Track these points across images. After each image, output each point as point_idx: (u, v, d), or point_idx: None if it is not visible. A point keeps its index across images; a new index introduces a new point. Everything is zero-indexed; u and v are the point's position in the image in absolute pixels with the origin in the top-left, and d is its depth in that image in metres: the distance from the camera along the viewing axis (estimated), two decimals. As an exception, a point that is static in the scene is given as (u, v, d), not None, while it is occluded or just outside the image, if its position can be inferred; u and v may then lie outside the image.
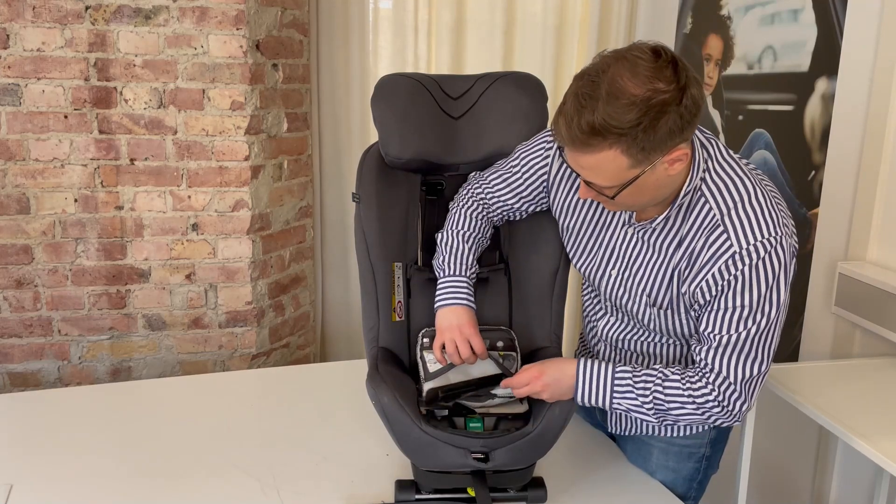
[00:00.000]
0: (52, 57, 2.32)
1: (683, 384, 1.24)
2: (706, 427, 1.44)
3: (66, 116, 2.36)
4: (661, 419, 1.27)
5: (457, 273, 1.40)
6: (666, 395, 1.24)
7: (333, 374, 2.02)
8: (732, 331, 1.19)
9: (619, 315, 1.41)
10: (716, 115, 2.46)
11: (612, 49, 1.12)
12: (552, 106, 1.53)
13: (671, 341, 1.37)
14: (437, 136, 1.51)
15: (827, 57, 1.95)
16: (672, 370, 1.26)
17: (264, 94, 2.52)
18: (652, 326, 1.36)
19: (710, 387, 1.22)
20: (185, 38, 2.38)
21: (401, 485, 1.37)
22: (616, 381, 1.27)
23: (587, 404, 1.29)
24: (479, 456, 1.25)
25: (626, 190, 1.14)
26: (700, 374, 1.24)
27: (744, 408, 1.23)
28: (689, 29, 2.61)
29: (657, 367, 1.28)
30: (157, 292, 2.53)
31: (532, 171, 1.41)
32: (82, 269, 2.47)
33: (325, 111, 2.90)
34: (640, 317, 1.36)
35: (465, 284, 1.39)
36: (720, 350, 1.21)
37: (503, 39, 2.90)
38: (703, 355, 1.23)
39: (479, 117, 1.53)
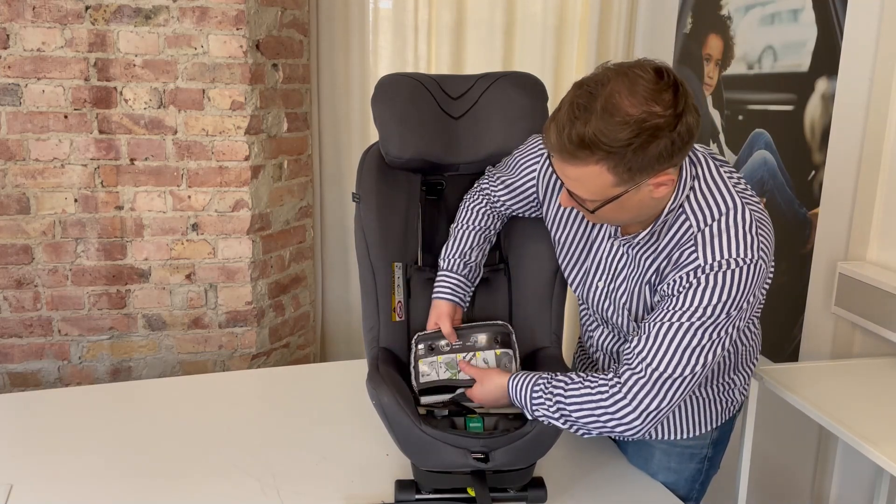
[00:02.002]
0: (52, 57, 2.32)
1: (584, 384, 1.20)
2: (709, 428, 1.44)
3: (66, 116, 2.36)
4: (574, 427, 1.23)
5: (446, 268, 1.47)
6: (568, 398, 1.21)
7: (333, 374, 2.02)
8: (666, 320, 1.15)
9: (610, 326, 1.41)
10: (716, 115, 2.46)
11: (615, 62, 1.10)
12: (552, 106, 1.53)
13: None
14: (438, 135, 1.51)
15: (827, 57, 1.95)
16: (581, 374, 1.23)
17: (264, 94, 2.52)
18: None
19: (613, 380, 1.18)
20: (185, 38, 2.38)
21: (401, 485, 1.37)
22: (534, 389, 1.25)
23: (523, 412, 1.28)
24: (479, 456, 1.26)
25: (607, 206, 1.14)
26: (609, 377, 1.20)
27: (649, 406, 1.16)
28: (689, 29, 2.61)
29: (573, 373, 1.25)
30: (157, 292, 2.53)
31: (524, 182, 1.42)
32: (82, 269, 2.47)
33: (325, 111, 2.90)
34: (624, 329, 1.36)
35: (449, 279, 1.46)
36: (645, 338, 1.17)
37: (503, 39, 2.90)
38: (633, 342, 1.19)
39: (480, 117, 1.53)
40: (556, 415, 1.23)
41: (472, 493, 1.31)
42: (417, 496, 1.35)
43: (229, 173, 2.49)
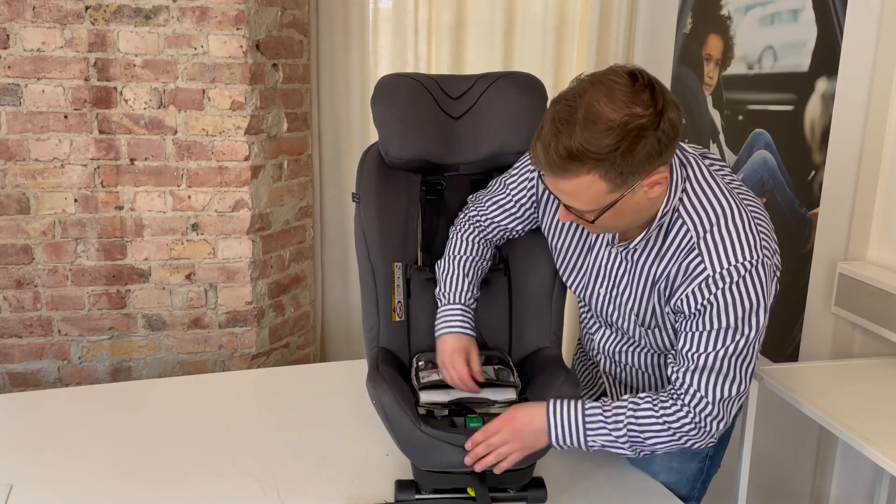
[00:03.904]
0: (52, 57, 2.32)
1: (657, 410, 1.21)
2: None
3: (66, 116, 2.36)
4: (638, 450, 1.24)
5: (452, 301, 1.41)
6: (640, 423, 1.21)
7: (333, 374, 2.02)
8: (710, 349, 1.17)
9: (613, 329, 1.41)
10: (716, 115, 2.46)
11: (588, 73, 1.11)
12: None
13: (666, 355, 1.37)
14: (437, 136, 1.51)
15: (827, 57, 1.95)
16: (642, 397, 1.23)
17: (264, 94, 2.52)
18: (643, 343, 1.36)
19: (685, 409, 1.20)
20: (185, 38, 2.38)
21: (401, 485, 1.37)
22: (587, 419, 1.23)
23: (563, 447, 1.25)
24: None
25: (606, 214, 1.14)
26: (673, 396, 1.22)
27: (721, 426, 1.21)
28: (689, 29, 2.61)
29: (626, 397, 1.25)
30: (157, 292, 2.53)
31: (521, 192, 1.41)
32: (82, 269, 2.47)
33: (325, 111, 2.90)
34: (630, 333, 1.36)
35: (458, 312, 1.40)
36: (698, 371, 1.19)
37: (503, 39, 2.90)
38: (679, 375, 1.21)
39: (479, 117, 1.53)
40: (621, 441, 1.22)
41: (472, 493, 1.31)
42: (417, 496, 1.35)
43: (229, 173, 2.49)
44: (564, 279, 1.44)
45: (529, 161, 1.40)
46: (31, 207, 2.41)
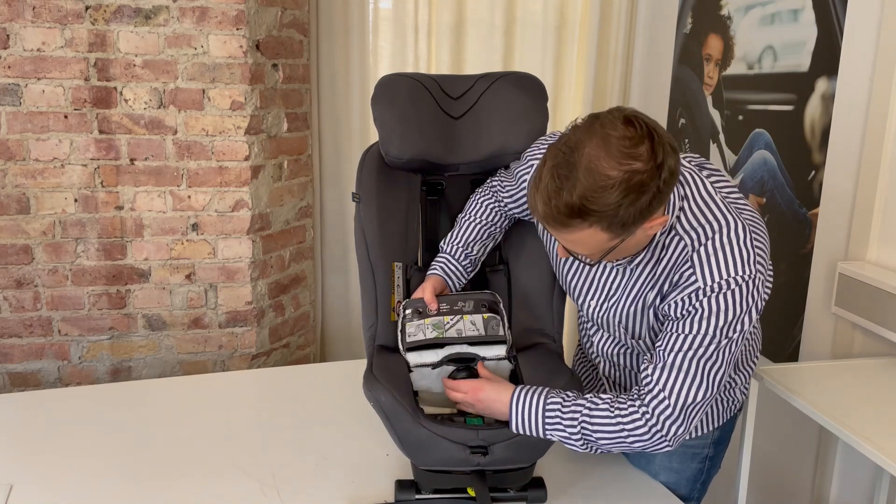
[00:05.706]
0: (52, 57, 2.32)
1: (612, 411, 1.21)
2: (711, 428, 1.44)
3: (66, 116, 2.36)
4: (593, 448, 1.24)
5: (447, 251, 1.50)
6: (593, 423, 1.21)
7: (333, 374, 2.02)
8: (684, 349, 1.17)
9: (611, 331, 1.41)
10: (716, 115, 2.46)
11: (583, 117, 1.10)
12: (552, 106, 1.54)
13: None
14: (438, 136, 1.51)
15: (827, 57, 1.95)
16: (602, 397, 1.23)
17: (264, 94, 2.52)
18: (638, 349, 1.37)
19: (642, 409, 1.20)
20: (185, 38, 2.38)
21: (401, 485, 1.37)
22: (547, 413, 1.24)
23: (524, 433, 1.26)
24: (479, 450, 1.25)
25: (607, 255, 1.16)
26: (632, 397, 1.21)
27: (679, 432, 1.19)
28: (689, 29, 2.61)
29: (590, 395, 1.25)
30: (157, 292, 2.53)
31: (520, 192, 1.42)
32: (82, 269, 2.47)
33: (325, 111, 2.90)
34: (622, 340, 1.37)
35: (441, 260, 1.49)
36: (667, 368, 1.18)
37: (503, 39, 2.90)
38: (650, 371, 1.21)
39: (480, 117, 1.54)
40: (578, 438, 1.23)
41: (472, 493, 1.31)
42: (417, 496, 1.35)
43: (229, 173, 2.49)
44: (559, 280, 1.44)
45: (530, 162, 1.40)
46: (31, 207, 2.41)
